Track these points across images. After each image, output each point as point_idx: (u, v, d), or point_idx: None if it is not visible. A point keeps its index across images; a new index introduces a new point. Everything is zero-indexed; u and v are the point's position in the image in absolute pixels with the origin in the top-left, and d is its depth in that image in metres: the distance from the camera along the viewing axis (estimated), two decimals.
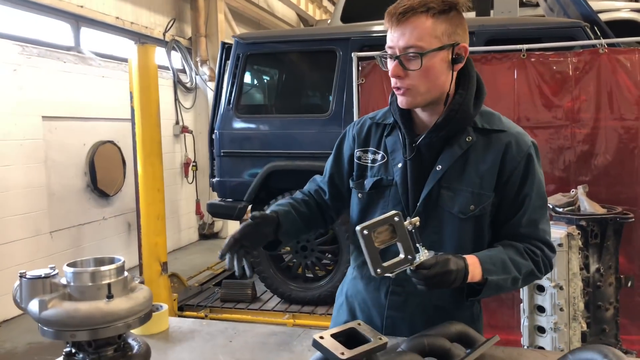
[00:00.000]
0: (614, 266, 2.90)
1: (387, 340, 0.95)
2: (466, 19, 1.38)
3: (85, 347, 1.08)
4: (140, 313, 1.10)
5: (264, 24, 10.53)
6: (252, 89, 5.36)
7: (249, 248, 1.43)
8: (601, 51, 3.26)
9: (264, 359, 1.31)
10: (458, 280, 1.23)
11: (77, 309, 1.03)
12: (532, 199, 1.39)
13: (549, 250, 1.41)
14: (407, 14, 1.29)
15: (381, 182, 1.45)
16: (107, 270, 1.09)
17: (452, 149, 1.38)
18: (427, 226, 1.36)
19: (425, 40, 1.29)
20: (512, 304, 3.48)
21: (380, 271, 1.16)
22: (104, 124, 6.02)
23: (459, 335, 1.22)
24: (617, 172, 3.27)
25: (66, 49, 5.75)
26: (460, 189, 1.38)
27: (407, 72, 1.32)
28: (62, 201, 5.47)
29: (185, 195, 7.79)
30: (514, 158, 1.38)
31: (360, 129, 1.54)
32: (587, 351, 0.86)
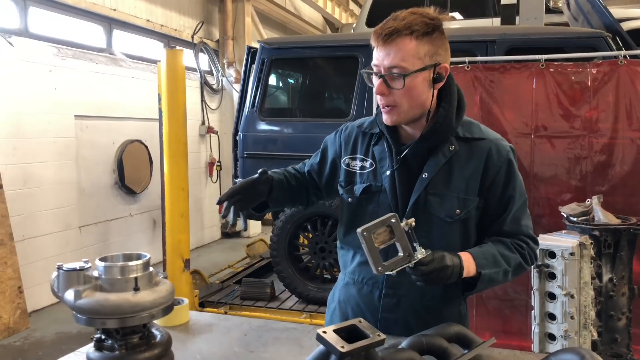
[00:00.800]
0: (627, 276, 2.92)
1: (384, 337, 1.03)
2: (488, 27, 1.49)
3: (113, 334, 1.19)
4: (163, 305, 1.21)
5: (291, 27, 10.66)
6: (276, 93, 5.49)
7: (244, 202, 1.56)
8: (621, 62, 3.28)
9: (275, 351, 1.41)
10: (454, 276, 1.33)
11: (107, 299, 1.14)
12: (516, 200, 1.49)
13: (532, 243, 1.52)
14: (393, 36, 1.37)
15: (371, 188, 1.54)
16: (134, 265, 1.20)
17: (436, 158, 1.48)
18: (417, 230, 1.43)
19: (408, 62, 1.37)
20: (525, 311, 3.51)
21: (382, 269, 1.25)
22: (132, 123, 6.22)
23: (457, 336, 1.30)
24: (634, 183, 3.29)
25: (98, 50, 5.97)
26: (447, 194, 1.47)
27: (391, 90, 1.40)
28: (91, 197, 5.68)
29: (209, 193, 7.97)
30: (496, 163, 1.48)
31: (348, 137, 1.63)
32: (567, 353, 0.93)
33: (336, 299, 1.69)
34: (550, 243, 2.74)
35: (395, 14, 1.42)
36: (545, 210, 3.42)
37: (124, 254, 1.26)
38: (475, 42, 4.22)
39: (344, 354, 0.97)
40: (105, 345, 1.20)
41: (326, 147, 1.73)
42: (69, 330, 4.56)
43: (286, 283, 4.78)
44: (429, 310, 1.51)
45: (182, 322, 1.59)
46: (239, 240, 8.18)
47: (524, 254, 1.49)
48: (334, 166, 1.67)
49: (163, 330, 1.28)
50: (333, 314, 1.69)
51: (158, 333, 1.26)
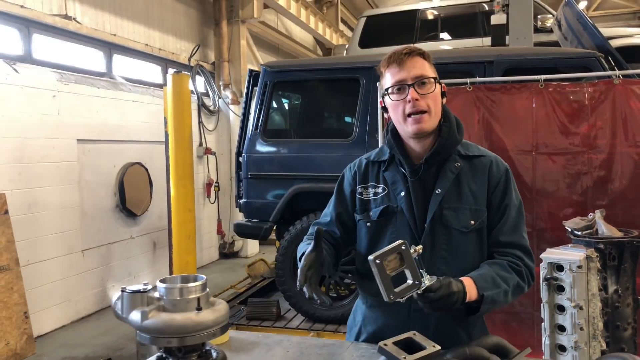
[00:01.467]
0: (632, 287, 3.02)
1: (439, 348, 1.11)
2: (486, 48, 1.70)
3: (175, 353, 1.25)
4: (222, 323, 1.27)
5: (283, 49, 10.83)
6: (279, 114, 5.59)
7: (316, 276, 1.55)
8: (616, 82, 3.42)
9: None
10: (459, 301, 1.41)
11: (173, 318, 1.21)
12: (511, 209, 1.63)
13: (528, 259, 1.62)
14: (412, 54, 1.60)
15: (388, 210, 1.65)
16: (195, 286, 1.27)
17: (446, 175, 1.62)
18: (436, 244, 1.58)
19: (430, 72, 1.61)
20: (532, 324, 3.60)
21: (393, 297, 1.31)
22: (132, 146, 6.28)
23: (496, 347, 1.38)
24: (633, 197, 3.41)
25: (99, 75, 6.04)
26: (460, 207, 1.60)
27: (423, 95, 1.57)
28: (93, 220, 5.70)
29: (207, 214, 8.00)
30: (496, 175, 1.65)
31: (359, 169, 1.76)
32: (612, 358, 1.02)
33: (359, 322, 1.75)
34: (558, 257, 2.83)
35: (398, 48, 1.63)
36: (548, 224, 3.52)
37: (181, 276, 1.32)
38: (474, 63, 4.36)
39: None
40: None
41: (340, 185, 1.81)
42: (76, 355, 4.55)
43: (292, 302, 4.81)
44: (457, 319, 1.59)
45: (223, 341, 1.64)
46: (237, 261, 8.21)
47: (520, 271, 1.57)
48: (354, 197, 1.76)
49: (217, 349, 1.34)
50: (358, 335, 1.74)
51: (214, 351, 1.32)
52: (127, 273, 6.13)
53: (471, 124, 3.66)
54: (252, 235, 5.17)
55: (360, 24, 8.18)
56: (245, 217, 5.11)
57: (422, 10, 8.05)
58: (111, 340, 4.84)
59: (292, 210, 4.87)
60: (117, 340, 4.85)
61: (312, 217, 4.70)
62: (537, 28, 6.78)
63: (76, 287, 5.41)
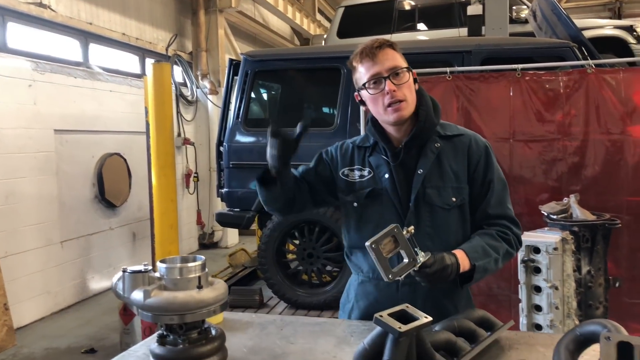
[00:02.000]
0: (603, 268, 3.15)
1: (431, 319, 1.18)
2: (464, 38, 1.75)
3: (176, 330, 1.29)
4: (222, 301, 1.32)
5: (260, 38, 10.79)
6: (260, 104, 5.60)
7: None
8: (589, 71, 3.55)
9: (314, 342, 1.53)
10: (453, 273, 1.51)
11: (175, 296, 1.24)
12: (495, 183, 1.70)
13: (515, 228, 1.71)
14: (382, 47, 1.65)
15: (374, 192, 1.73)
16: (196, 265, 1.31)
17: (426, 155, 1.69)
18: (420, 221, 1.67)
19: (402, 62, 1.67)
20: (509, 306, 3.73)
21: (392, 277, 1.39)
22: (110, 136, 6.21)
23: (481, 320, 1.46)
24: (605, 182, 3.55)
25: (75, 64, 5.95)
26: (442, 186, 1.68)
27: (399, 86, 1.63)
28: (72, 212, 5.64)
29: (186, 205, 7.97)
30: (476, 152, 1.71)
31: (345, 151, 1.83)
32: (591, 324, 1.09)
33: (352, 299, 1.82)
34: (535, 239, 2.95)
35: (366, 42, 1.69)
36: (525, 209, 3.63)
37: (181, 257, 1.36)
38: (453, 53, 4.45)
39: (402, 333, 1.11)
40: (167, 341, 1.30)
41: (321, 156, 1.88)
42: (58, 345, 4.53)
43: (275, 290, 4.87)
44: (443, 292, 1.68)
45: (218, 321, 1.68)
46: (217, 251, 8.21)
47: (509, 239, 1.68)
48: (331, 171, 1.82)
49: (216, 327, 1.39)
50: (351, 311, 1.81)
51: (212, 329, 1.37)
52: (107, 264, 6.09)
53: (450, 112, 3.74)
54: (234, 225, 5.20)
55: (339, 14, 8.21)
56: (227, 206, 5.14)
57: (400, 0, 8.11)
58: (93, 331, 4.83)
59: None
60: (99, 330, 4.84)
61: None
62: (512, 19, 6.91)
63: (55, 278, 5.37)
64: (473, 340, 1.38)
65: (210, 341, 1.32)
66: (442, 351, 1.28)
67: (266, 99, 5.75)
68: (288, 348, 1.49)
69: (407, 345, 1.14)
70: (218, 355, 1.33)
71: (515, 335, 1.54)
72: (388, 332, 1.13)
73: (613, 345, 0.96)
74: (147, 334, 3.86)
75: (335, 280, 4.81)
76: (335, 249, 4.79)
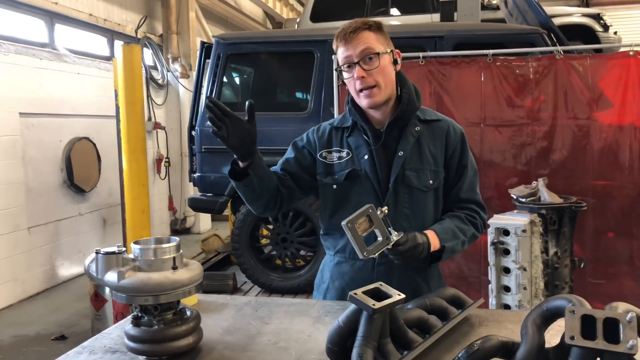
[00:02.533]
0: (569, 250, 3.25)
1: (404, 296, 1.20)
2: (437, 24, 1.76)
3: (151, 311, 1.28)
4: (197, 282, 1.32)
5: (232, 22, 10.64)
6: (233, 88, 5.54)
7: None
8: (558, 57, 3.61)
9: (289, 322, 1.54)
10: (424, 251, 1.56)
11: (150, 277, 1.24)
12: (469, 168, 1.77)
13: (482, 212, 1.79)
14: (357, 31, 1.65)
15: (352, 173, 1.74)
16: (170, 246, 1.30)
17: (407, 138, 1.72)
18: (399, 202, 1.71)
19: (375, 46, 1.65)
20: (479, 287, 3.81)
21: (367, 254, 1.44)
22: (79, 120, 6.08)
23: (453, 298, 1.50)
24: (572, 166, 3.64)
25: (41, 45, 5.78)
26: (421, 168, 1.71)
27: (369, 71, 1.63)
28: (40, 197, 5.52)
29: (157, 191, 7.87)
30: (453, 139, 1.76)
31: (322, 134, 1.83)
32: (557, 299, 1.13)
33: (327, 279, 1.84)
34: (504, 222, 3.01)
35: (347, 22, 1.68)
36: (494, 193, 3.71)
37: (155, 238, 1.35)
38: (425, 38, 4.47)
39: (376, 310, 1.13)
40: (142, 322, 1.30)
41: (296, 145, 1.86)
42: (26, 333, 4.45)
43: (248, 274, 4.88)
44: (416, 271, 1.72)
45: (192, 303, 1.68)
46: (190, 237, 8.14)
47: (476, 223, 1.75)
48: (312, 156, 1.82)
49: (191, 308, 1.39)
50: (326, 292, 1.83)
51: (188, 310, 1.37)
52: (77, 250, 5.99)
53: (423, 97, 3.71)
54: (207, 210, 5.17)
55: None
56: (199, 191, 5.10)
57: None
58: (63, 318, 4.76)
59: None
60: (69, 317, 4.77)
61: None
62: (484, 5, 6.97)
63: (23, 265, 5.26)
64: (444, 318, 1.41)
65: (186, 322, 1.32)
66: (415, 328, 1.30)
67: (239, 82, 5.69)
68: (263, 328, 1.50)
69: (381, 322, 1.16)
70: (193, 336, 1.33)
71: (485, 313, 1.58)
72: (362, 310, 1.15)
73: (577, 318, 1.00)
74: (119, 320, 3.82)
75: (309, 265, 4.84)
76: (309, 233, 4.81)
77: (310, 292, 4.72)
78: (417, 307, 1.37)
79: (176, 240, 1.34)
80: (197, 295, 1.73)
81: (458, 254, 1.77)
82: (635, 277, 3.65)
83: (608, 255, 3.66)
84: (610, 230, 3.69)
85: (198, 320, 1.36)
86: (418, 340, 1.25)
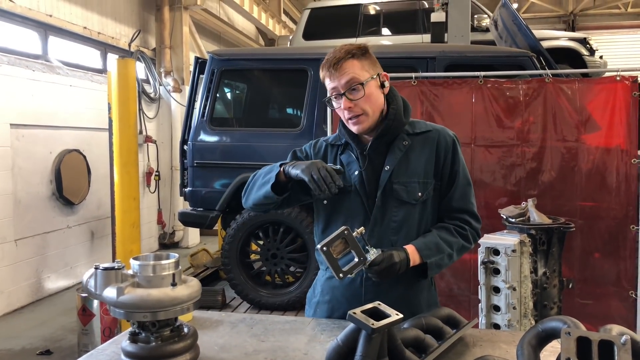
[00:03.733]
0: (558, 270, 3.28)
1: (402, 316, 1.22)
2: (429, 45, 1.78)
3: (149, 327, 1.28)
4: (196, 299, 1.32)
5: (225, 37, 10.71)
6: (226, 103, 5.57)
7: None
8: (547, 80, 3.69)
9: (284, 340, 1.55)
10: (402, 268, 1.58)
11: (149, 294, 1.24)
12: (460, 175, 1.77)
13: (475, 222, 1.79)
14: (340, 62, 1.67)
15: (344, 189, 1.75)
16: (169, 263, 1.31)
17: (394, 152, 1.74)
18: (386, 216, 1.73)
19: (360, 75, 1.67)
20: (469, 306, 3.83)
21: (342, 275, 1.48)
22: (70, 132, 6.05)
23: (448, 318, 1.52)
24: (560, 187, 3.70)
25: (34, 57, 5.77)
26: (409, 182, 1.73)
27: (355, 101, 1.67)
28: (28, 209, 5.47)
29: (147, 204, 7.83)
30: (444, 147, 1.77)
31: (318, 149, 1.87)
32: (553, 321, 1.15)
33: (318, 294, 1.86)
34: (495, 242, 3.05)
35: (331, 51, 1.71)
36: (484, 212, 3.74)
37: (154, 254, 1.35)
38: (417, 59, 4.54)
39: (375, 330, 1.14)
40: (139, 338, 1.30)
41: (296, 155, 1.90)
42: (11, 347, 4.38)
43: (238, 290, 4.85)
44: (406, 285, 1.73)
45: (188, 319, 1.68)
46: (178, 251, 8.09)
47: (465, 235, 1.75)
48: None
49: (188, 325, 1.39)
50: (317, 306, 1.85)
51: (185, 327, 1.37)
52: (64, 263, 5.93)
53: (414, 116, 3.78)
54: (198, 224, 5.15)
55: (305, 16, 8.24)
56: (190, 205, 5.08)
57: (365, 5, 8.21)
58: (48, 332, 4.69)
59: (239, 199, 4.87)
60: (55, 331, 4.71)
61: None
62: (473, 27, 7.10)
63: (9, 278, 5.19)
64: (440, 337, 1.43)
65: (183, 339, 1.32)
66: (411, 347, 1.32)
67: (232, 98, 5.72)
68: (259, 346, 1.51)
69: (379, 342, 1.17)
70: (190, 353, 1.33)
71: (479, 333, 1.60)
72: (361, 329, 1.16)
73: (573, 340, 1.02)
74: (106, 335, 3.78)
75: (298, 281, 4.83)
76: (299, 249, 4.81)
77: (299, 309, 4.71)
78: (413, 327, 1.38)
79: (175, 256, 1.35)
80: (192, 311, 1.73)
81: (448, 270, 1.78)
82: (622, 298, 3.70)
83: (595, 276, 3.71)
84: (598, 251, 3.74)
85: (195, 337, 1.37)
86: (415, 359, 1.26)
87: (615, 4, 13.93)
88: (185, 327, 1.37)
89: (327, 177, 1.56)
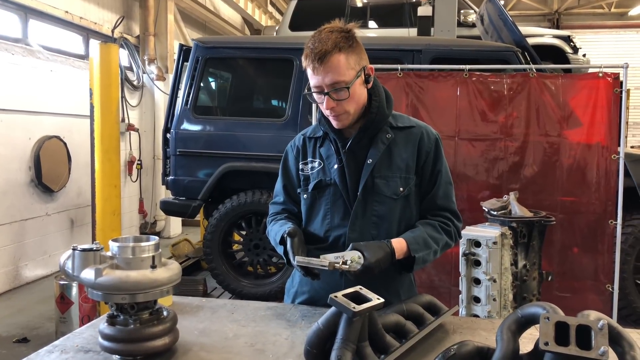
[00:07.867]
0: (538, 263, 3.32)
1: (383, 300, 1.22)
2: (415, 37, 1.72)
3: (127, 310, 1.27)
4: (175, 282, 1.31)
5: (210, 26, 10.61)
6: (210, 91, 5.51)
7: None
8: (531, 75, 3.72)
9: (265, 325, 1.54)
10: (386, 262, 1.54)
11: (128, 275, 1.22)
12: (443, 175, 1.75)
13: (457, 221, 1.77)
14: (326, 56, 1.55)
15: (321, 183, 1.74)
16: (149, 245, 1.29)
17: (377, 146, 1.69)
18: (367, 210, 1.69)
19: (345, 75, 1.58)
20: (449, 297, 3.86)
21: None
22: (50, 118, 5.95)
23: (429, 305, 1.52)
24: (542, 182, 3.74)
25: (14, 40, 5.65)
26: (391, 176, 1.69)
27: (339, 101, 1.60)
28: (5, 195, 5.37)
29: (128, 193, 7.73)
30: (427, 145, 1.73)
31: (298, 148, 1.83)
32: (532, 307, 1.16)
33: (296, 284, 1.84)
34: (476, 234, 3.07)
35: (317, 36, 1.60)
36: (467, 205, 3.78)
37: (134, 237, 1.33)
38: (403, 51, 4.54)
39: (356, 313, 1.14)
40: (118, 321, 1.28)
41: (285, 163, 1.88)
42: None
43: (219, 280, 4.83)
44: (387, 276, 1.69)
45: (167, 304, 1.66)
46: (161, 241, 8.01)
47: (450, 232, 1.73)
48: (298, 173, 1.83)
49: (168, 308, 1.37)
50: (295, 296, 1.83)
51: (164, 310, 1.35)
52: (42, 251, 5.84)
53: (399, 108, 3.78)
54: (180, 213, 5.11)
55: (291, 7, 8.18)
56: (172, 194, 5.03)
57: None
58: (25, 320, 4.62)
59: (221, 189, 4.86)
60: (32, 319, 4.64)
61: (242, 196, 4.71)
62: (459, 22, 7.13)
63: None
64: (420, 324, 1.43)
65: (162, 322, 1.31)
66: (392, 333, 1.32)
67: (216, 87, 5.67)
68: (240, 331, 1.50)
69: (360, 325, 1.17)
70: (169, 336, 1.32)
71: (459, 320, 1.61)
72: (342, 312, 1.16)
73: (551, 324, 1.03)
74: (85, 322, 3.74)
75: (280, 272, 4.82)
76: None
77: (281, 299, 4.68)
78: (394, 312, 1.38)
79: (155, 239, 1.33)
80: (172, 296, 1.71)
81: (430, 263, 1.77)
82: (599, 291, 3.76)
83: (574, 269, 3.77)
84: (577, 245, 3.79)
85: (174, 320, 1.35)
86: (395, 344, 1.26)
87: (599, 3, 14.10)
88: (164, 310, 1.35)
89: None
